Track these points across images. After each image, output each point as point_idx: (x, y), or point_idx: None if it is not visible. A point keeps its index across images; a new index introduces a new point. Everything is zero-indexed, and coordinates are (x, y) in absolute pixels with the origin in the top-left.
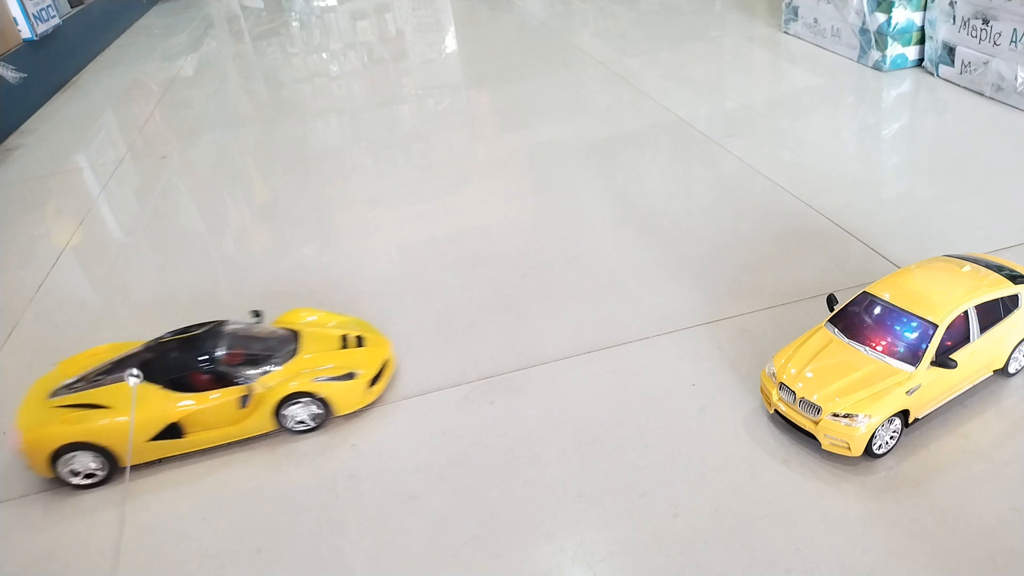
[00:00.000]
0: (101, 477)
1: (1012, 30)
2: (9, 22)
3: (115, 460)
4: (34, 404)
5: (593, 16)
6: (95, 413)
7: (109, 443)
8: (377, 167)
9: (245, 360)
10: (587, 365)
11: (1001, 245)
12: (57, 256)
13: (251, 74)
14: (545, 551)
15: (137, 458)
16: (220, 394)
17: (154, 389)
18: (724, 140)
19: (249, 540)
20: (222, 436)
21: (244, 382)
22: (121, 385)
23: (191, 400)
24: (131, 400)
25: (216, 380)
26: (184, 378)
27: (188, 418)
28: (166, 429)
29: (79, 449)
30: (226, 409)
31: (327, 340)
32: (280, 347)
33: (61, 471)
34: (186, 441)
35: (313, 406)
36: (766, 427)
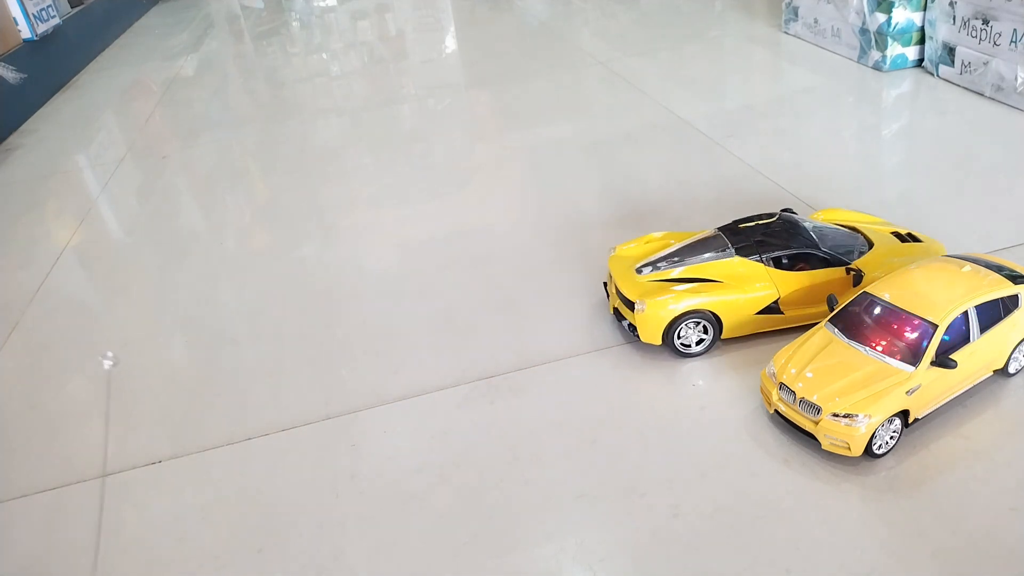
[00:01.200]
0: (708, 344)
1: (1012, 30)
2: (9, 22)
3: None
4: (631, 279)
5: (593, 16)
6: (709, 285)
7: (722, 313)
8: (377, 167)
9: (836, 245)
10: (587, 365)
11: (1001, 245)
12: (57, 256)
13: (251, 74)
14: (545, 551)
15: (743, 329)
16: (829, 273)
17: (759, 267)
18: (724, 140)
19: (249, 540)
20: (815, 315)
21: (841, 264)
22: (721, 263)
23: (798, 278)
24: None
25: (804, 264)
26: (783, 258)
27: (791, 296)
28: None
29: (696, 318)
30: (832, 287)
31: (886, 236)
32: (853, 240)
33: (675, 340)
34: (784, 318)
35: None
36: (766, 427)
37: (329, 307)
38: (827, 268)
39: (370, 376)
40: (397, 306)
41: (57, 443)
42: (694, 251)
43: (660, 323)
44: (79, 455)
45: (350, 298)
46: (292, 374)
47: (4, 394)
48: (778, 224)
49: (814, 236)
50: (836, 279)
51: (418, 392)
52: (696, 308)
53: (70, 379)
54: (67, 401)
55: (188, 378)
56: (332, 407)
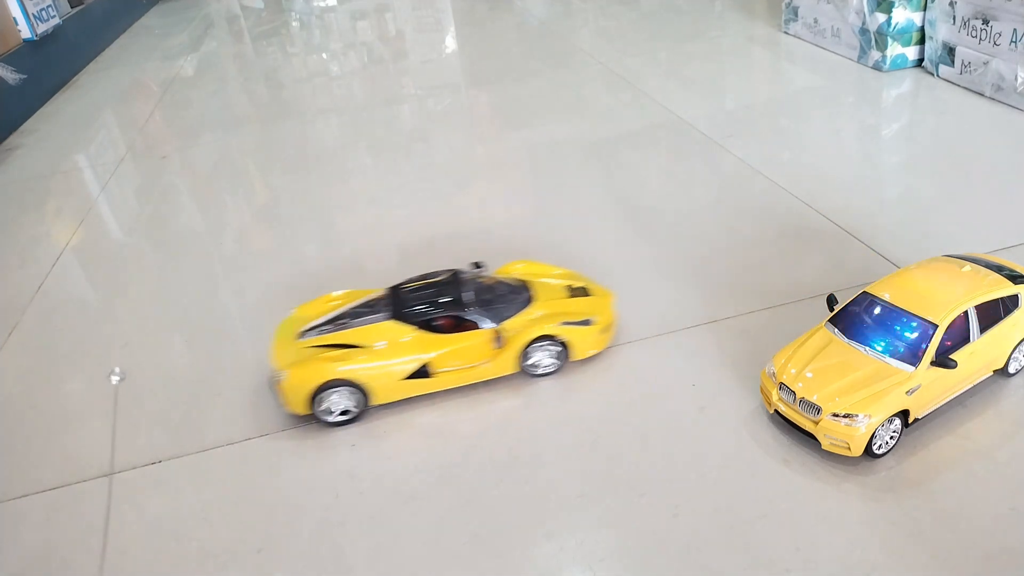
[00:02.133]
0: (354, 415)
1: (1012, 30)
2: (9, 22)
3: (368, 399)
4: (287, 346)
5: (593, 16)
6: (354, 352)
7: (367, 382)
8: (377, 167)
9: (488, 305)
10: (587, 365)
11: (1001, 245)
12: (57, 256)
13: (251, 74)
14: (545, 551)
15: (389, 396)
16: (474, 335)
17: (408, 329)
18: (724, 140)
19: (249, 540)
20: (468, 377)
21: (491, 326)
22: (372, 327)
23: (443, 341)
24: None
25: (465, 324)
26: (433, 321)
27: (439, 359)
28: (417, 369)
29: (340, 387)
30: (477, 350)
31: (556, 290)
32: (516, 295)
33: (318, 409)
34: (434, 381)
35: (555, 350)
36: (766, 427)
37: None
38: (476, 330)
39: None
40: None
41: (57, 443)
42: (357, 314)
43: (303, 392)
44: (79, 455)
45: None
46: None
47: (4, 394)
48: (442, 284)
49: (472, 298)
50: (484, 340)
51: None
52: (341, 377)
53: (70, 379)
54: (67, 401)
55: (188, 378)
56: None
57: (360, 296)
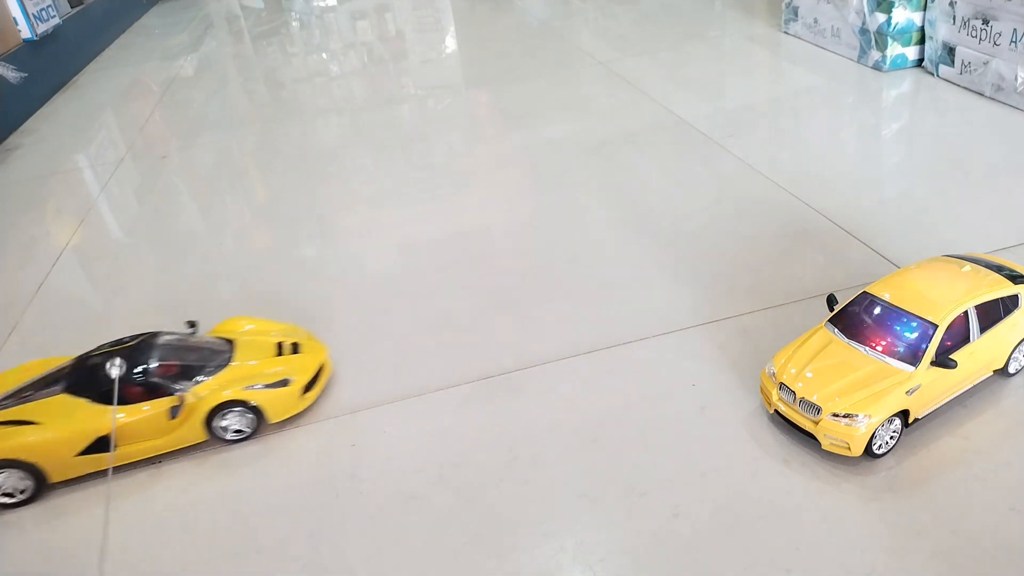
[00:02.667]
0: (27, 496)
1: (1012, 30)
2: (9, 22)
3: (43, 477)
4: None
5: (593, 16)
6: (24, 429)
7: (37, 459)
8: (377, 167)
9: (177, 371)
10: (587, 365)
11: (1001, 245)
12: (57, 256)
13: (251, 74)
14: (545, 551)
15: (66, 473)
16: (150, 406)
17: (82, 403)
18: (724, 140)
19: (249, 540)
20: (152, 448)
21: (176, 393)
22: (51, 400)
23: (120, 412)
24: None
25: (147, 392)
26: (108, 392)
27: (120, 431)
28: (95, 443)
29: (7, 467)
30: (157, 420)
31: (262, 348)
32: (213, 357)
33: None
34: (116, 454)
35: (247, 415)
36: (766, 427)
37: (329, 307)
38: (160, 398)
39: (370, 376)
40: (397, 306)
41: None
42: (40, 386)
43: None
44: None
45: (350, 298)
46: None
47: None
48: (131, 351)
49: (156, 364)
50: (162, 410)
51: (418, 392)
52: (6, 457)
53: None
54: None
55: None
56: (332, 407)
57: (53, 364)
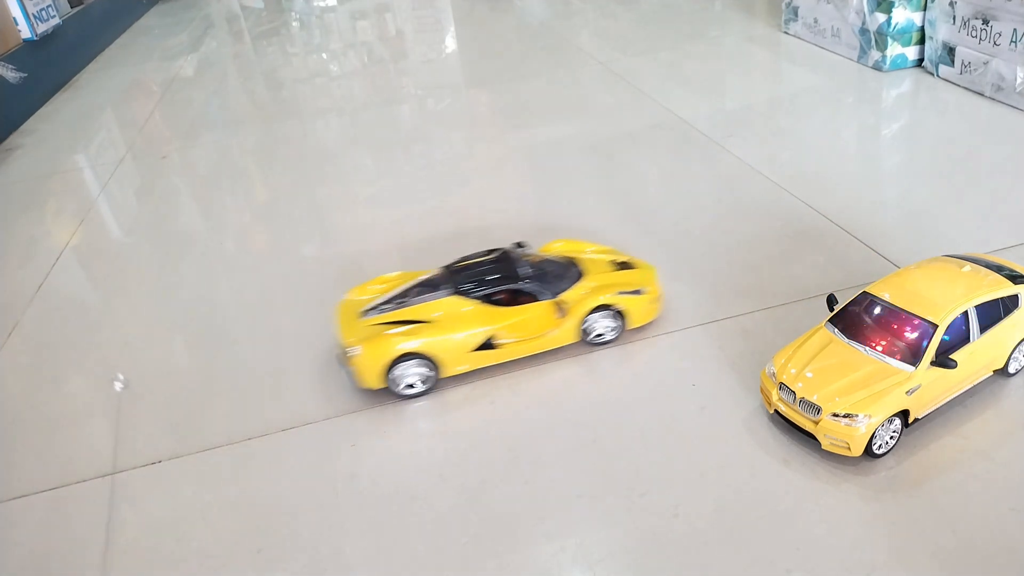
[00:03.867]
0: (426, 388)
1: (1012, 30)
2: (9, 22)
3: (439, 371)
4: (353, 324)
5: (593, 16)
6: (424, 327)
7: (438, 354)
8: (377, 167)
9: (547, 278)
10: (587, 365)
11: (1001, 245)
12: (57, 256)
13: (251, 74)
14: (545, 551)
15: (459, 367)
16: (537, 307)
17: (474, 304)
18: (724, 140)
19: (249, 540)
20: (533, 347)
21: (550, 298)
22: (436, 302)
23: (508, 313)
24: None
25: (522, 298)
26: (493, 296)
27: (504, 330)
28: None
29: (411, 360)
30: (541, 321)
31: (602, 264)
32: (568, 270)
33: (391, 382)
34: (499, 352)
35: (610, 319)
36: (766, 427)
37: (329, 307)
38: (536, 302)
39: None
40: None
41: (57, 443)
42: (417, 292)
43: (377, 366)
44: (79, 455)
45: None
46: (292, 374)
47: (4, 394)
48: (497, 260)
49: (529, 271)
50: (545, 312)
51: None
52: (412, 351)
53: (70, 379)
54: (67, 401)
55: (188, 378)
56: (332, 407)
57: (413, 277)
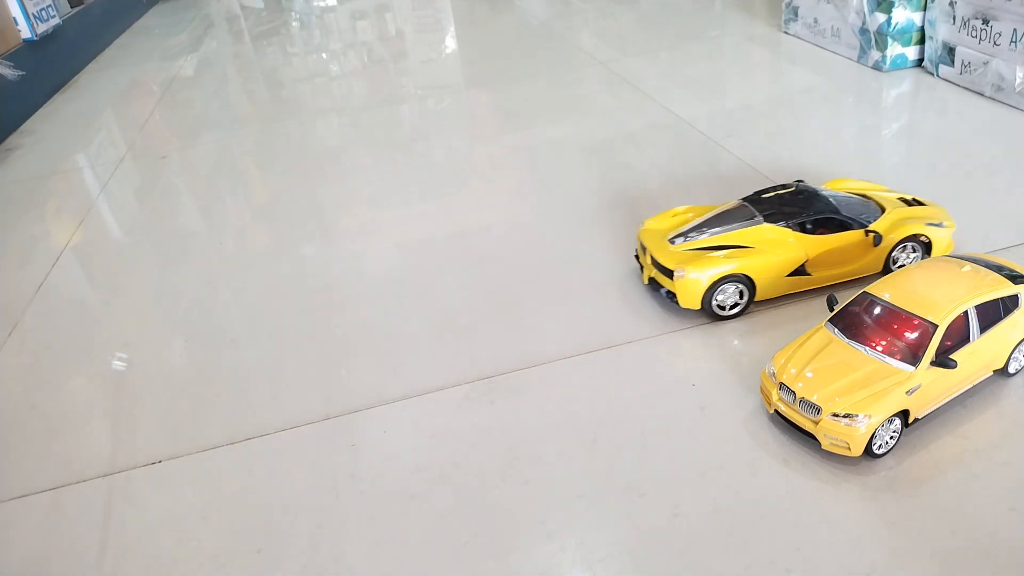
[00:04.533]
0: (742, 307)
1: (1012, 30)
2: (9, 22)
3: (754, 294)
4: (666, 250)
5: (593, 16)
6: (743, 251)
7: (757, 276)
8: (377, 167)
9: (856, 210)
10: (587, 365)
11: (1001, 245)
12: (57, 256)
13: (251, 74)
14: (545, 551)
15: (774, 291)
16: (851, 235)
17: (789, 232)
18: (724, 140)
19: (249, 540)
20: (839, 275)
21: (860, 227)
22: (751, 229)
23: (823, 241)
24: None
25: (834, 226)
26: (807, 224)
27: (818, 258)
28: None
29: (731, 282)
30: (854, 249)
31: (894, 201)
32: (867, 204)
33: (712, 303)
34: (810, 279)
35: (916, 250)
36: (766, 427)
37: (329, 307)
38: (847, 231)
39: (370, 376)
40: (397, 306)
41: (57, 443)
42: (722, 221)
43: (699, 288)
44: (79, 455)
45: (350, 298)
46: (292, 374)
47: (4, 394)
48: (797, 192)
49: (833, 202)
50: (857, 241)
51: (418, 392)
52: (731, 272)
53: (70, 379)
54: (67, 401)
55: (188, 378)
56: (332, 407)
57: (708, 210)
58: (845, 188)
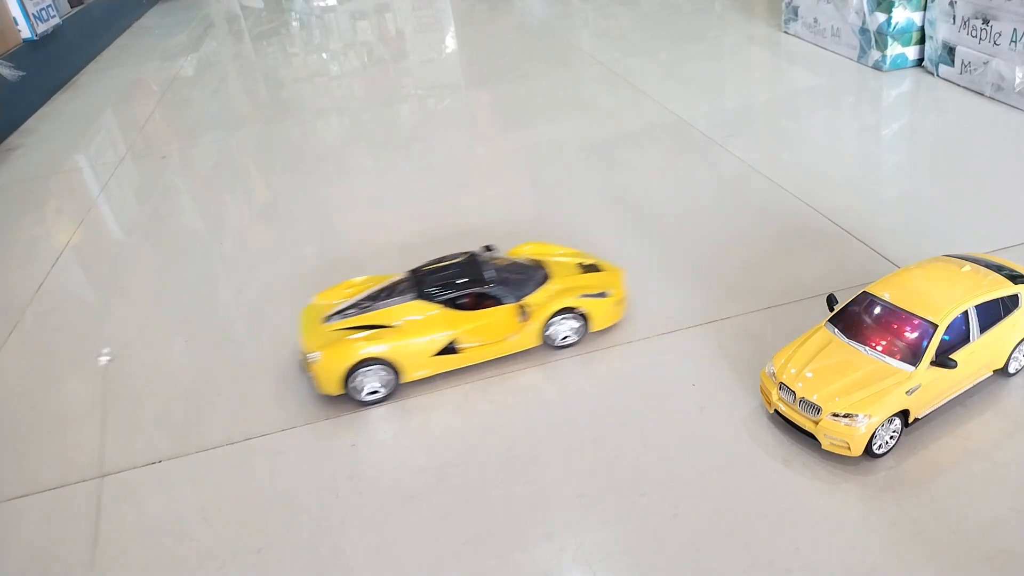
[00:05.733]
0: (386, 393)
1: (1012, 30)
2: (9, 22)
3: (399, 376)
4: (315, 330)
5: (593, 16)
6: (384, 332)
7: (397, 359)
8: (377, 167)
9: (514, 282)
10: (587, 365)
11: (1001, 245)
12: (57, 256)
13: (251, 74)
14: (545, 551)
15: (420, 373)
16: (500, 311)
17: (437, 308)
18: (724, 140)
19: (249, 540)
20: (496, 350)
21: (513, 302)
22: (399, 307)
23: (470, 318)
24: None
25: (487, 301)
26: (457, 300)
27: (466, 335)
28: (446, 346)
29: (370, 366)
30: (503, 325)
31: (568, 267)
32: (534, 273)
33: (352, 388)
34: (461, 357)
35: (573, 322)
36: (766, 427)
37: None
38: (500, 306)
39: None
40: None
41: (57, 443)
42: (381, 296)
43: (336, 373)
44: (79, 455)
45: None
46: (292, 374)
47: (4, 394)
48: (462, 265)
49: (494, 275)
50: (508, 316)
51: (418, 392)
52: (373, 356)
53: (70, 379)
54: (67, 401)
55: (188, 378)
56: (332, 407)
57: (380, 281)
58: (528, 252)
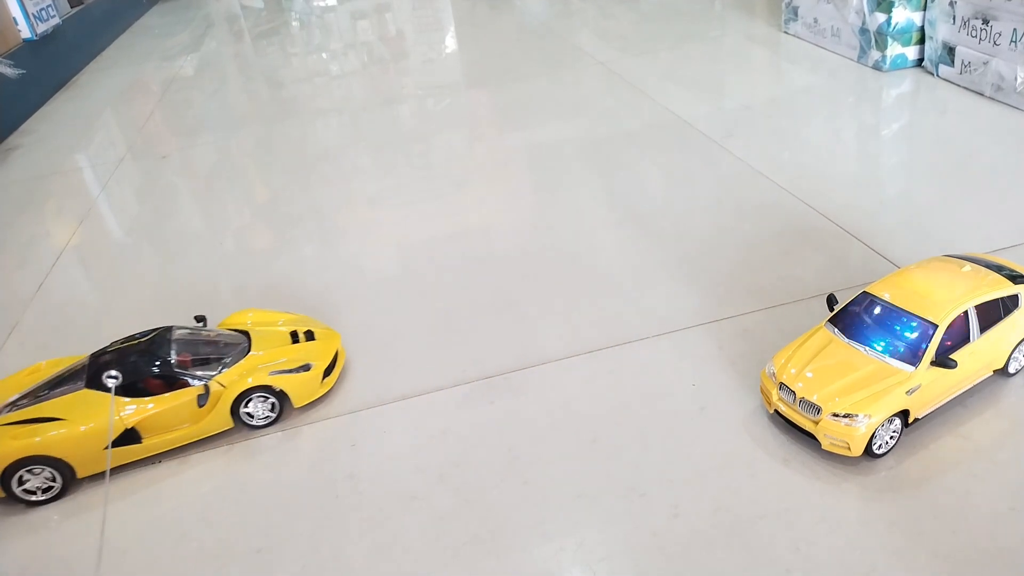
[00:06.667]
0: (56, 491)
1: (1012, 30)
2: (9, 22)
3: (71, 472)
4: None
5: (593, 16)
6: (48, 425)
7: (64, 454)
8: (377, 167)
9: (197, 361)
10: (587, 365)
11: (1001, 245)
12: (57, 256)
13: (251, 74)
14: (545, 551)
15: (95, 467)
16: (176, 395)
17: (107, 397)
18: (724, 140)
19: (249, 540)
20: (181, 437)
21: (199, 383)
22: (71, 396)
23: (147, 403)
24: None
25: (170, 383)
26: (137, 384)
27: (145, 422)
28: (123, 435)
29: (33, 464)
30: (184, 410)
31: (277, 337)
32: (232, 347)
33: (15, 488)
34: (143, 446)
35: (271, 400)
36: (766, 427)
37: (329, 307)
38: (183, 389)
39: (370, 376)
40: (397, 306)
41: None
42: (56, 384)
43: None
44: None
45: (349, 298)
46: None
47: None
48: (149, 344)
49: (172, 356)
50: (188, 400)
51: (418, 392)
52: (33, 454)
53: None
54: None
55: None
56: (333, 407)
57: (63, 364)
58: (239, 323)
